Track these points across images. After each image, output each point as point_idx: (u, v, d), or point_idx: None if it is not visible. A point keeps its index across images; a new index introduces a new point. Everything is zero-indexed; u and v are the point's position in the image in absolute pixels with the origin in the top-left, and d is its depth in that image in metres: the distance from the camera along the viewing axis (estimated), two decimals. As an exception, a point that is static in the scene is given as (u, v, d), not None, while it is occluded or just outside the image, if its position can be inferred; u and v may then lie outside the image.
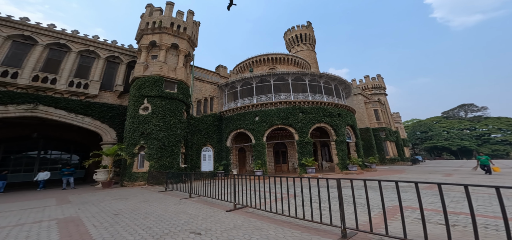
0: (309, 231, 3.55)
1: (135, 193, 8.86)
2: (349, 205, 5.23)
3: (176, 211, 5.32)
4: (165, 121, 13.86)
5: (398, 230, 3.21)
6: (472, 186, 2.38)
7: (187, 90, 16.79)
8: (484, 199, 5.62)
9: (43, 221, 4.82)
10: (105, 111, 14.70)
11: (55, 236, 3.76)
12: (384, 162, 29.67)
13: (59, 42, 13.89)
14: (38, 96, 12.11)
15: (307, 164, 15.31)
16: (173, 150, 13.77)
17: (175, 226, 4.02)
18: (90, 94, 14.16)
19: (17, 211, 6.14)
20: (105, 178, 11.47)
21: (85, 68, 14.94)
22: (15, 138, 16.17)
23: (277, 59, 27.18)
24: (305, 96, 17.84)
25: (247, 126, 17.39)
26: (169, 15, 16.64)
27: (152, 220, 4.46)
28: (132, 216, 4.94)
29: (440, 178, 11.31)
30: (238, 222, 4.17)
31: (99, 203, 6.82)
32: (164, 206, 5.93)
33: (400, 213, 2.83)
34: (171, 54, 16.51)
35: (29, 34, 12.80)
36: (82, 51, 15.00)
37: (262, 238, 3.31)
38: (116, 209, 5.74)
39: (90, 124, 13.93)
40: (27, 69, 12.02)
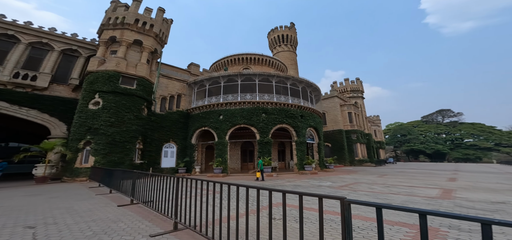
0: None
1: (59, 189, 8.69)
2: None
3: (68, 209, 5.28)
4: (119, 116, 13.59)
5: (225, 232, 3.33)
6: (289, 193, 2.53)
7: (149, 87, 16.52)
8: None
9: None
10: (56, 104, 14.16)
11: None
12: (353, 163, 30.77)
13: (6, 33, 13.24)
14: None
15: (264, 163, 15.58)
16: (126, 146, 13.55)
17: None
18: (38, 87, 13.58)
19: None
20: (43, 174, 11.09)
21: (36, 60, 14.30)
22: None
23: (252, 59, 27.24)
24: (270, 97, 18.08)
25: (211, 124, 17.42)
26: (135, 12, 16.31)
27: (15, 217, 4.41)
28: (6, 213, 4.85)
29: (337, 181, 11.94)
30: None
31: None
32: (65, 205, 5.85)
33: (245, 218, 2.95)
34: (133, 50, 16.18)
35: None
36: (34, 42, 14.35)
37: None
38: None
39: (37, 117, 13.37)
40: None
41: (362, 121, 36.64)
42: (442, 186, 9.55)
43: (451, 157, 60.54)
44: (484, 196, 6.92)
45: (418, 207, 1.34)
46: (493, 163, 51.78)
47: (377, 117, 53.64)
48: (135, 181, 5.81)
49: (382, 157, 46.30)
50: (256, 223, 2.39)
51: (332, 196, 1.78)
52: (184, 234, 3.51)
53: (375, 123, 49.55)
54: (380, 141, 47.90)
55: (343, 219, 1.68)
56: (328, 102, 33.74)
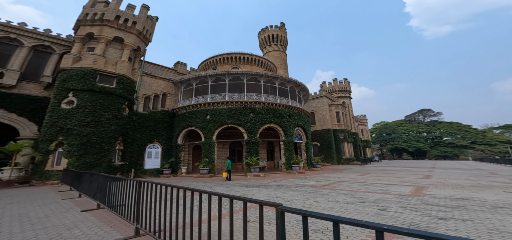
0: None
1: (22, 193, 7.93)
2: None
3: (23, 216, 4.77)
4: (95, 116, 12.78)
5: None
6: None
7: (130, 85, 15.76)
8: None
9: None
10: (25, 103, 13.06)
11: None
12: (340, 162, 31.54)
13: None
14: None
15: (252, 163, 15.44)
16: (103, 147, 12.77)
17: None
18: (5, 84, 12.45)
19: None
20: (9, 177, 10.13)
21: (3, 56, 13.14)
22: None
23: (241, 59, 27.01)
24: (258, 97, 17.96)
25: (198, 124, 16.96)
26: (115, 8, 15.52)
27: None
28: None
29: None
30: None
31: None
32: (18, 212, 5.28)
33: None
34: (113, 47, 15.36)
35: None
36: (1, 38, 13.12)
37: None
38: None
39: (3, 116, 12.24)
40: None
41: (350, 121, 37.67)
42: (416, 183, 9.89)
43: (431, 155, 64.00)
44: (450, 193, 7.20)
45: (336, 215, 1.37)
46: (469, 160, 55.40)
47: (364, 117, 55.49)
48: (105, 184, 5.40)
49: (369, 155, 47.99)
50: (208, 228, 2.23)
51: (269, 203, 1.72)
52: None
53: (362, 123, 51.21)
54: (367, 140, 49.57)
55: (277, 226, 1.67)
56: (317, 102, 34.31)
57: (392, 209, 5.17)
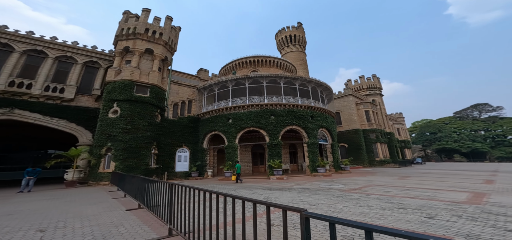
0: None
1: (80, 192, 9.43)
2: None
3: (80, 214, 5.63)
4: (134, 124, 14.42)
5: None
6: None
7: (161, 94, 17.31)
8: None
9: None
10: (81, 114, 15.52)
11: None
12: (373, 164, 28.68)
13: (36, 48, 14.85)
14: (14, 100, 13.13)
15: (274, 166, 15.25)
16: (141, 152, 14.30)
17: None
18: (65, 98, 15.01)
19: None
20: (72, 179, 12.20)
21: (63, 73, 15.73)
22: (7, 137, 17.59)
23: (259, 62, 27.13)
24: (279, 99, 17.74)
25: (220, 128, 17.63)
26: (144, 21, 17.17)
27: (30, 222, 4.79)
28: (20, 216, 5.31)
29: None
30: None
31: (20, 203, 7.27)
32: (74, 209, 6.24)
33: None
34: (145, 59, 17.04)
35: (6, 42, 13.86)
36: (60, 56, 15.79)
37: None
38: (19, 210, 6.16)
39: (66, 126, 14.80)
40: (3, 75, 13.06)
41: (382, 120, 34.12)
42: (474, 189, 8.32)
43: (493, 156, 53.17)
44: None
45: (369, 224, 1.22)
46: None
47: (399, 115, 49.62)
48: (141, 185, 6.01)
49: (408, 157, 42.64)
50: (232, 231, 2.23)
51: (293, 208, 1.65)
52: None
53: (398, 121, 45.90)
54: (405, 140, 44.23)
55: (302, 233, 1.58)
56: (342, 101, 32.11)
57: (442, 217, 4.46)
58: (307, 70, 36.10)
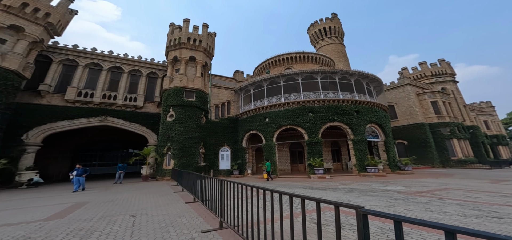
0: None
1: (150, 186, 11.69)
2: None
3: (155, 205, 7.07)
4: (185, 126, 16.70)
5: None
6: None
7: (205, 97, 19.30)
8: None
9: (64, 202, 7.74)
10: (149, 118, 19.08)
11: (59, 207, 6.17)
12: (447, 164, 22.97)
13: (115, 65, 18.97)
14: (106, 110, 17.48)
15: (315, 164, 14.55)
16: (192, 151, 16.42)
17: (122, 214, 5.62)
18: (137, 106, 18.73)
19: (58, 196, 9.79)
20: (146, 173, 15.36)
21: (134, 85, 19.58)
22: (100, 140, 23.74)
23: (293, 59, 26.16)
24: (316, 95, 16.75)
25: (258, 128, 18.17)
26: (186, 31, 19.16)
27: (119, 207, 6.32)
28: (118, 203, 7.06)
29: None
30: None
31: (117, 193, 9.67)
32: (151, 200, 7.83)
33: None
34: (190, 66, 19.17)
35: (98, 61, 18.31)
36: (131, 70, 19.63)
37: None
38: (117, 198, 8.20)
39: (139, 129, 18.63)
40: (98, 90, 17.53)
41: (458, 111, 26.88)
42: None
43: None
44: None
45: (451, 225, 1.00)
46: None
47: (487, 104, 38.03)
48: (195, 181, 6.96)
49: (505, 156, 32.21)
50: (280, 227, 2.32)
51: (348, 205, 1.56)
52: (226, 233, 3.85)
53: (485, 112, 35.25)
54: (498, 135, 33.66)
55: (359, 230, 1.48)
56: (396, 92, 27.16)
57: None
58: (347, 62, 32.44)
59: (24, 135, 13.59)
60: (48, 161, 17.96)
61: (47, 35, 15.25)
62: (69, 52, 17.27)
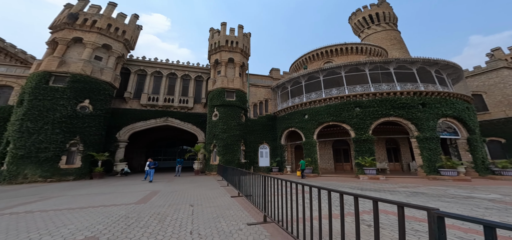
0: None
1: (201, 180, 13.35)
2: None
3: (206, 197, 8.15)
4: (227, 124, 18.08)
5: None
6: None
7: (244, 97, 20.23)
8: None
9: (143, 190, 9.73)
10: (197, 118, 21.61)
11: (141, 194, 7.87)
12: None
13: (171, 71, 22.17)
14: (167, 111, 20.92)
15: (365, 164, 12.98)
16: (234, 148, 17.66)
17: (177, 204, 6.67)
18: (188, 107, 21.47)
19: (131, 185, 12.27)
20: (197, 168, 17.73)
21: (185, 88, 22.36)
22: (163, 138, 28.77)
23: (333, 51, 23.67)
24: (365, 88, 14.81)
25: (296, 125, 17.73)
26: (224, 34, 20.46)
27: (176, 198, 7.53)
28: (180, 193, 8.44)
29: None
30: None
31: (178, 184, 11.48)
32: (203, 192, 9.00)
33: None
34: (229, 67, 20.43)
35: (159, 69, 21.92)
36: (183, 75, 22.41)
37: None
38: (178, 189, 9.77)
39: (191, 128, 21.49)
40: (161, 94, 21.02)
41: None
42: None
43: None
44: None
45: None
46: None
47: None
48: (239, 177, 7.53)
49: None
50: (329, 226, 2.25)
51: (417, 206, 1.34)
52: (271, 227, 4.03)
53: None
54: None
55: (430, 236, 1.27)
56: (486, 78, 20.63)
57: None
58: (404, 49, 27.01)
59: (117, 134, 18.14)
60: (132, 155, 23.30)
61: (125, 50, 19.21)
62: (140, 63, 21.31)
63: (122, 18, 18.36)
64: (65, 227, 3.96)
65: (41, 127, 12.73)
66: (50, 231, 3.76)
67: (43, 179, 12.28)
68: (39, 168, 12.25)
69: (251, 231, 3.89)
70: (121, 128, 18.13)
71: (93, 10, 16.92)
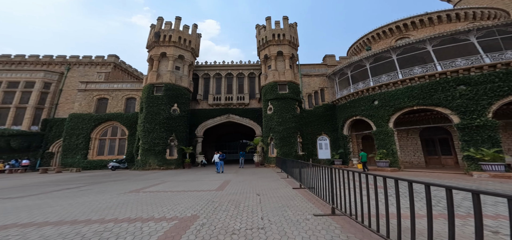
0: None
1: (262, 171, 14.22)
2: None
3: (269, 187, 8.75)
4: (282, 117, 18.20)
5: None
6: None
7: (296, 88, 19.58)
8: None
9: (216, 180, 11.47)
10: (253, 113, 22.98)
11: (218, 183, 9.36)
12: None
13: (228, 72, 24.53)
14: (228, 109, 23.54)
15: (485, 157, 9.46)
16: (290, 140, 17.65)
17: (246, 192, 7.39)
18: (245, 103, 23.20)
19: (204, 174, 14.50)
20: (257, 160, 19.23)
21: (241, 86, 24.25)
22: (226, 133, 32.95)
23: (409, 25, 17.94)
24: (474, 60, 10.56)
25: (363, 113, 15.37)
26: (269, 29, 20.36)
27: (242, 186, 8.39)
28: (246, 183, 9.45)
29: None
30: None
31: (243, 175, 12.72)
32: (266, 183, 9.67)
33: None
34: (279, 60, 20.27)
35: (219, 71, 24.75)
36: (238, 74, 24.39)
37: None
38: (245, 179, 10.91)
39: (249, 123, 23.30)
40: (222, 94, 23.82)
41: None
42: None
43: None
44: None
45: None
46: None
47: None
48: (300, 169, 7.56)
49: None
50: (428, 227, 1.88)
51: None
52: (340, 219, 3.92)
53: None
54: None
55: None
56: None
57: None
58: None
59: (196, 130, 22.68)
60: (206, 149, 28.43)
61: (193, 57, 22.82)
62: (205, 68, 24.77)
63: (186, 29, 21.85)
64: (179, 205, 5.36)
65: (154, 127, 17.79)
66: (172, 207, 5.18)
67: (158, 167, 17.19)
68: (155, 158, 17.34)
69: (319, 222, 3.90)
70: (197, 125, 22.27)
71: (167, 26, 20.95)
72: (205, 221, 4.13)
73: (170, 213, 4.72)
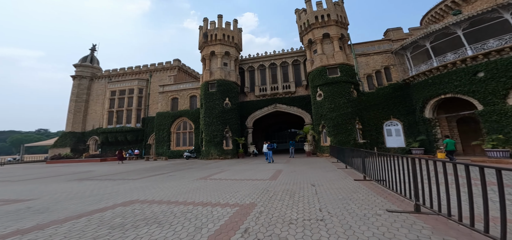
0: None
1: (314, 161, 13.38)
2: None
3: (325, 178, 8.13)
4: (335, 103, 16.32)
5: None
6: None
7: (350, 70, 16.95)
8: None
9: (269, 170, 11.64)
10: (301, 101, 21.81)
11: (270, 172, 9.51)
12: None
13: (272, 62, 24.07)
14: (274, 99, 23.36)
15: None
16: (347, 127, 15.66)
17: (300, 187, 7.03)
18: (291, 91, 22.29)
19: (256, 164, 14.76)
20: (308, 150, 18.36)
21: (285, 74, 23.41)
22: (273, 123, 33.20)
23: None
24: None
25: (458, 89, 11.68)
26: (311, 11, 18.30)
27: (298, 178, 8.05)
28: (299, 173, 9.15)
29: None
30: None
31: (295, 165, 12.49)
32: (321, 173, 8.99)
33: None
34: (325, 43, 18.11)
35: (262, 63, 24.64)
36: (281, 63, 23.60)
37: None
38: (296, 169, 10.61)
39: (297, 111, 22.38)
40: (268, 84, 23.75)
41: None
42: None
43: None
44: None
45: None
46: None
47: None
48: (364, 159, 6.70)
49: None
50: None
51: None
52: (430, 219, 3.27)
53: None
54: None
55: None
56: None
57: None
58: None
59: (246, 122, 24.12)
60: (256, 139, 29.92)
61: (237, 52, 23.82)
62: (249, 60, 25.30)
63: (228, 26, 22.89)
64: (238, 193, 5.88)
65: (212, 121, 20.40)
66: (233, 194, 5.73)
67: (218, 156, 19.70)
68: (215, 149, 19.98)
69: (395, 219, 3.39)
70: (247, 117, 23.60)
71: (212, 26, 22.60)
72: (262, 209, 4.30)
73: (232, 200, 5.23)
